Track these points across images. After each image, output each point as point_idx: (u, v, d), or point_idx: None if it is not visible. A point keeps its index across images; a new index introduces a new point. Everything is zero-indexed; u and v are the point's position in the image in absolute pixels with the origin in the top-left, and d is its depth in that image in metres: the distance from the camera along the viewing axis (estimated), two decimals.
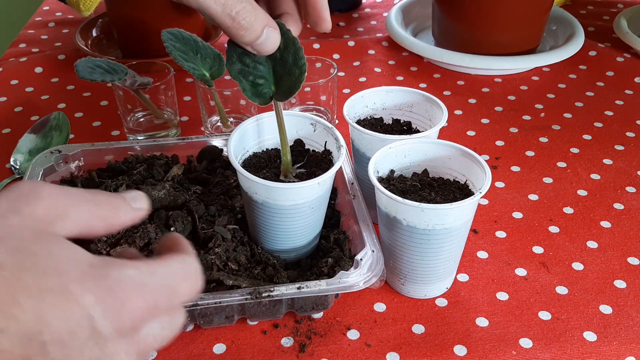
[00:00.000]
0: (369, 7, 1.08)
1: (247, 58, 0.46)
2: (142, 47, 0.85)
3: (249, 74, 0.47)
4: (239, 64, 0.46)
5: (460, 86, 0.85)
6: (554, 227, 0.61)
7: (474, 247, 0.59)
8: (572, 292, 0.54)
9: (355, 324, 0.51)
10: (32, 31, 0.99)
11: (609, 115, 0.79)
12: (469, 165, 0.52)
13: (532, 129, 0.76)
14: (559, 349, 0.49)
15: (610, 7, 1.07)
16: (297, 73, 0.45)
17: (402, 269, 0.52)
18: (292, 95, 0.46)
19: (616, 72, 0.88)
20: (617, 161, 0.71)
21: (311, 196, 0.49)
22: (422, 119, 0.60)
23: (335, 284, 0.48)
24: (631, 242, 0.60)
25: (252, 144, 0.54)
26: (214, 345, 0.50)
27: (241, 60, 0.46)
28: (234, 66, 0.46)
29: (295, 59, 0.45)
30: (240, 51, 0.46)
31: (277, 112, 0.48)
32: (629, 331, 0.51)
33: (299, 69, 0.45)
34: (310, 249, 0.54)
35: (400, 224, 0.49)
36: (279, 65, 0.46)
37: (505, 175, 0.68)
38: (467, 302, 0.53)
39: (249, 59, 0.46)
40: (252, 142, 0.54)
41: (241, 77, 0.47)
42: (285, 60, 0.46)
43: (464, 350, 0.49)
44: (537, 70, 0.88)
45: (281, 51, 0.46)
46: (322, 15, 0.46)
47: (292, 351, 0.49)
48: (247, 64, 0.46)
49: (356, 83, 0.85)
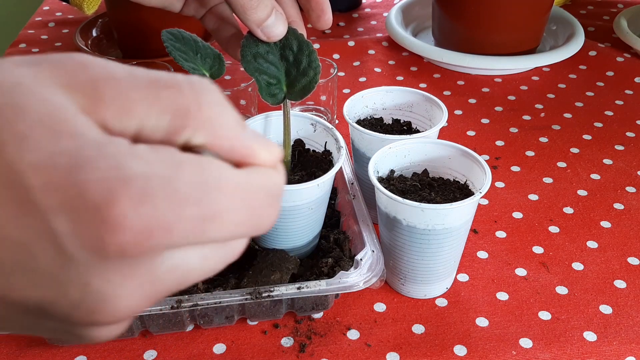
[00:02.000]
0: (369, 7, 1.08)
1: (261, 58, 0.48)
2: (142, 47, 0.85)
3: (263, 72, 0.48)
4: (254, 62, 0.48)
5: (460, 86, 0.85)
6: (554, 227, 0.61)
7: (474, 247, 0.59)
8: (572, 292, 0.54)
9: (355, 324, 0.51)
10: (32, 31, 0.99)
11: (609, 115, 0.79)
12: (469, 165, 0.52)
13: (532, 129, 0.76)
14: (559, 349, 0.49)
15: (610, 7, 1.06)
16: (312, 74, 0.48)
17: (402, 269, 0.52)
18: (307, 96, 0.48)
19: (616, 72, 0.88)
20: (617, 161, 0.71)
21: (310, 197, 0.49)
22: (422, 119, 0.60)
23: (335, 284, 0.48)
24: (631, 242, 0.60)
25: None
26: (214, 345, 0.50)
27: (255, 59, 0.48)
28: (250, 65, 0.48)
29: (309, 61, 0.48)
30: (254, 50, 0.48)
31: (285, 112, 0.50)
32: (629, 331, 0.51)
33: (314, 70, 0.48)
34: (310, 248, 0.54)
35: (400, 224, 0.49)
36: (292, 67, 0.48)
37: (505, 175, 0.68)
38: (467, 302, 0.53)
39: (262, 59, 0.48)
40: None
41: (257, 74, 0.48)
42: (300, 61, 0.48)
43: (464, 350, 0.49)
44: (537, 70, 0.88)
45: (295, 53, 0.48)
46: (324, 8, 0.49)
47: (292, 351, 0.49)
48: (261, 64, 0.48)
49: (356, 83, 0.85)
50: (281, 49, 0.48)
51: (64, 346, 0.49)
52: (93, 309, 0.21)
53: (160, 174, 0.20)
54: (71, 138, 0.20)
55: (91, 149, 0.20)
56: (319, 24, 0.49)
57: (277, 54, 0.48)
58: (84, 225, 0.19)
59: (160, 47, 0.55)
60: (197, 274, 0.23)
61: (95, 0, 0.78)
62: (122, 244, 0.20)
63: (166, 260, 0.22)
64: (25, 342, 0.50)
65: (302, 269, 0.52)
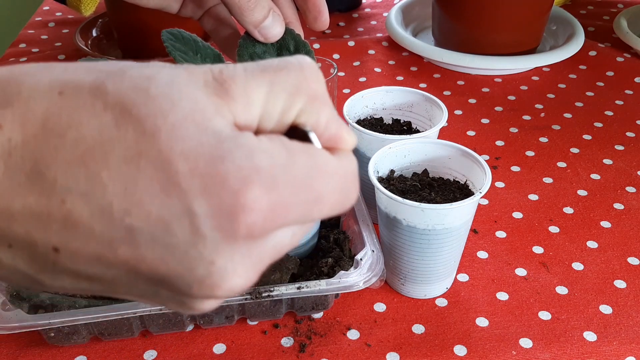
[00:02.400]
0: (369, 7, 1.08)
1: (258, 59, 0.48)
2: (142, 47, 0.85)
3: None
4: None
5: (460, 86, 0.85)
6: (554, 227, 0.61)
7: (474, 247, 0.59)
8: (572, 292, 0.54)
9: (355, 324, 0.51)
10: (32, 31, 0.99)
11: (609, 115, 0.79)
12: (469, 165, 0.52)
13: (532, 129, 0.76)
14: (559, 349, 0.49)
15: (610, 7, 1.06)
16: None
17: (402, 269, 0.52)
18: None
19: (616, 72, 0.88)
20: (617, 161, 0.71)
21: None
22: (422, 119, 0.60)
23: (335, 284, 0.48)
24: (631, 242, 0.60)
25: None
26: (214, 345, 0.50)
27: (252, 59, 0.48)
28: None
29: None
30: (251, 51, 0.47)
31: None
32: (629, 331, 0.51)
33: None
34: (310, 248, 0.54)
35: (400, 224, 0.49)
36: None
37: (505, 175, 0.68)
38: (467, 302, 0.53)
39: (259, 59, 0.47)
40: None
41: None
42: None
43: (464, 350, 0.49)
44: (537, 70, 0.88)
45: (292, 54, 0.47)
46: (321, 9, 0.49)
47: (292, 351, 0.49)
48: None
49: (356, 83, 0.85)
50: (278, 49, 0.48)
51: (64, 346, 0.49)
52: (215, 284, 0.23)
53: (281, 163, 0.23)
54: (213, 134, 0.22)
55: (228, 143, 0.22)
56: (315, 25, 0.49)
57: (274, 54, 0.48)
58: (221, 208, 0.22)
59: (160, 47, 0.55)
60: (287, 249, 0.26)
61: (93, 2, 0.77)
62: (252, 225, 0.22)
63: (273, 239, 0.24)
64: (25, 342, 0.50)
65: (302, 268, 0.52)
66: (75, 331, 0.48)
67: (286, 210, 0.23)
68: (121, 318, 0.46)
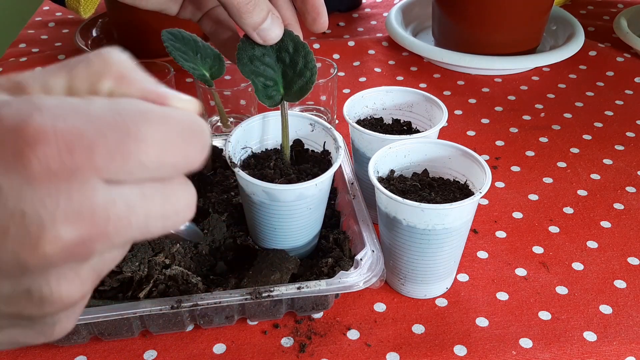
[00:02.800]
0: (369, 7, 1.08)
1: (257, 61, 0.48)
2: (142, 47, 0.85)
3: (259, 75, 0.48)
4: (250, 65, 0.48)
5: (460, 86, 0.85)
6: (554, 227, 0.61)
7: (474, 247, 0.59)
8: (572, 292, 0.54)
9: (355, 324, 0.51)
10: (32, 31, 0.99)
11: (609, 115, 0.79)
12: (469, 165, 0.52)
13: (532, 129, 0.76)
14: (559, 349, 0.49)
15: (610, 7, 1.07)
16: (309, 75, 0.47)
17: (402, 269, 0.52)
18: (304, 97, 0.48)
19: (616, 72, 0.88)
20: (617, 161, 0.71)
21: (309, 197, 0.49)
22: (422, 119, 0.60)
23: (335, 284, 0.48)
24: (631, 242, 0.60)
25: (254, 142, 0.54)
26: (214, 345, 0.50)
27: (252, 62, 0.48)
28: (246, 67, 0.48)
29: (306, 62, 0.47)
30: (251, 53, 0.47)
31: (283, 114, 0.50)
32: (629, 331, 0.51)
33: (310, 71, 0.47)
34: (310, 248, 0.54)
35: (400, 224, 0.49)
36: (289, 68, 0.48)
37: (505, 175, 0.68)
38: (467, 302, 0.53)
39: (258, 61, 0.48)
40: (254, 140, 0.54)
41: (253, 77, 0.48)
42: (296, 63, 0.47)
43: (464, 350, 0.49)
44: (537, 70, 0.88)
45: (291, 55, 0.47)
46: (319, 11, 0.49)
47: (292, 351, 0.49)
48: (257, 66, 0.48)
49: (356, 83, 0.85)
50: (277, 51, 0.48)
51: (64, 346, 0.49)
52: (36, 237, 0.20)
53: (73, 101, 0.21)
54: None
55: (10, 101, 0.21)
56: (314, 26, 0.49)
57: (274, 56, 0.48)
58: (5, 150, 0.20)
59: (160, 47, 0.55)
60: (141, 212, 0.23)
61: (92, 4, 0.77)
62: (45, 156, 0.20)
63: (100, 189, 0.21)
64: None
65: (302, 269, 0.52)
66: (75, 331, 0.48)
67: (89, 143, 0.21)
68: (121, 318, 0.46)
